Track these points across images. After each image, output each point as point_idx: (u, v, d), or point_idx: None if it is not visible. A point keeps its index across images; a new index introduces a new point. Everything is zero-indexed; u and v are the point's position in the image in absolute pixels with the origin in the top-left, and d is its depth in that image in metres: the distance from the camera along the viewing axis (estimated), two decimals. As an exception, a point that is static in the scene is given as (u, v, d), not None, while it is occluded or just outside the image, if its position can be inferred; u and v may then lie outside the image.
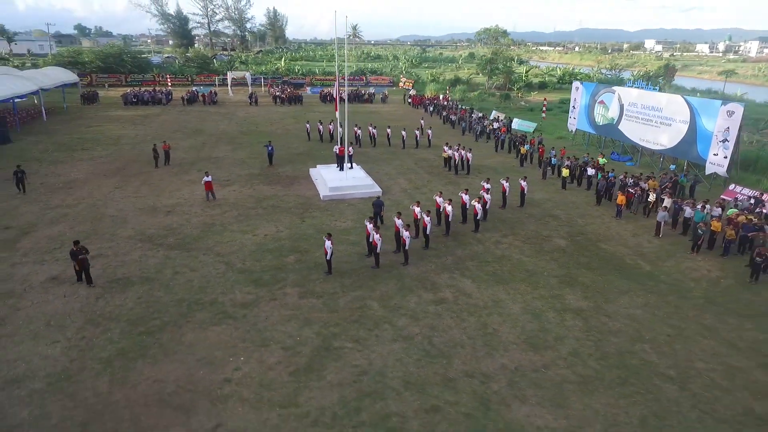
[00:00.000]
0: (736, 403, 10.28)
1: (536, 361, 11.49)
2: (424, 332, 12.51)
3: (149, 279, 14.86)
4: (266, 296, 14.04)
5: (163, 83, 62.00)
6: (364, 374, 10.88)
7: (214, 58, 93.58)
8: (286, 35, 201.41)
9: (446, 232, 18.75)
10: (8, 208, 20.52)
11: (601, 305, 14.02)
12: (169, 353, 11.43)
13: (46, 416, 9.45)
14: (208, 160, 29.35)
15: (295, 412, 9.73)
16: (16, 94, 36.57)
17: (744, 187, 23.75)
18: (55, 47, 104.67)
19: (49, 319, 12.60)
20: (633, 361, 11.55)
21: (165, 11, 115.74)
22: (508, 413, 9.86)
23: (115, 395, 10.05)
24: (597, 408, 10.04)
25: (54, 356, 11.17)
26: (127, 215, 20.10)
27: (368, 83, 74.67)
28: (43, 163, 27.67)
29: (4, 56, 75.56)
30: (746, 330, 12.97)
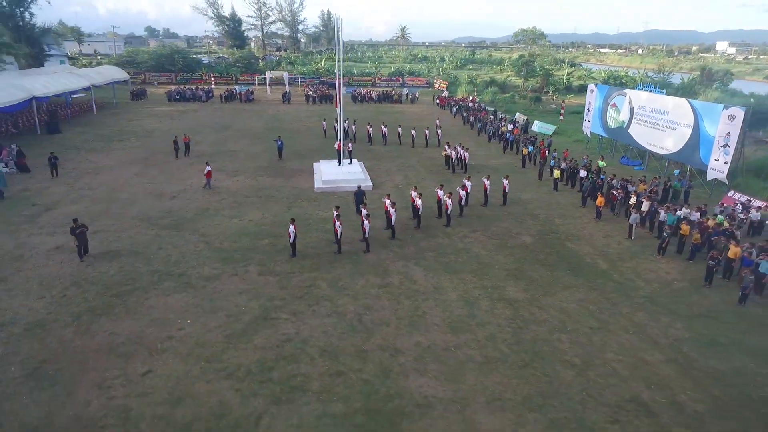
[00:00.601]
0: (627, 391, 10.71)
1: (450, 341, 12.32)
2: (357, 310, 13.62)
3: (136, 252, 16.84)
4: (229, 272, 15.63)
5: (208, 82, 66.05)
6: (288, 341, 12.16)
7: (263, 59, 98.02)
8: (340, 36, 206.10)
9: (417, 224, 19.69)
10: (40, 189, 23.41)
11: (538, 298, 14.56)
12: (130, 313, 13.20)
13: (15, 354, 11.39)
14: (225, 153, 31.63)
15: (216, 366, 11.15)
16: (69, 90, 40.71)
17: (742, 194, 23.09)
18: (123, 48, 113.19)
19: (42, 280, 14.76)
20: (543, 348, 12.14)
21: (221, 14, 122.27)
22: (404, 382, 10.83)
23: (75, 342, 11.89)
24: (488, 384, 10.81)
25: (36, 309, 13.22)
26: (137, 198, 22.43)
27: (404, 84, 75.85)
28: (81, 151, 30.90)
29: (73, 56, 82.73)
30: (673, 329, 13.15)
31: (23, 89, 34.26)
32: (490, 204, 22.71)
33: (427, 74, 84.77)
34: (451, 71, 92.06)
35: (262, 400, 10.17)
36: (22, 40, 62.26)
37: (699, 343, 12.52)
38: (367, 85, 73.44)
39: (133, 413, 9.70)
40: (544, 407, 10.17)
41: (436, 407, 10.11)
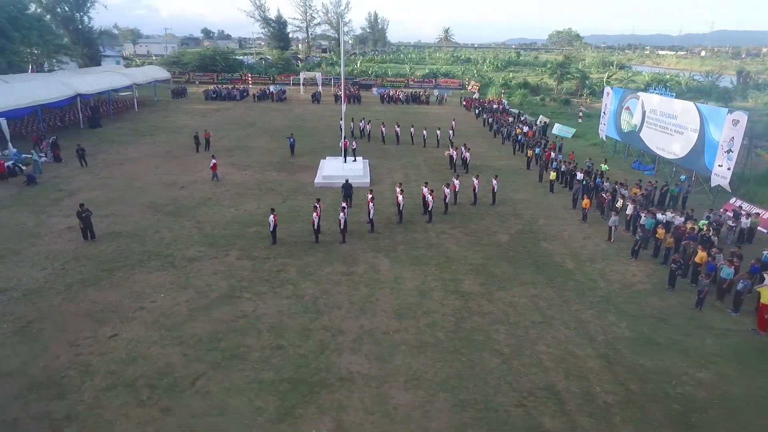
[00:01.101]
0: (544, 380, 11.17)
1: (392, 326, 13.13)
2: (315, 294, 14.65)
3: (134, 234, 18.62)
4: (211, 255, 17.06)
5: (246, 82, 69.11)
6: (244, 317, 13.36)
7: (303, 60, 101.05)
8: (387, 38, 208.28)
9: (399, 219, 20.50)
10: (69, 177, 25.91)
11: (492, 292, 15.07)
12: (114, 286, 14.82)
13: (10, 314, 13.18)
14: (242, 149, 33.51)
15: (173, 334, 12.49)
16: (112, 88, 44.10)
17: (745, 202, 22.39)
18: (178, 49, 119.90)
19: (49, 254, 16.71)
20: (478, 337, 12.72)
21: (267, 16, 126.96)
22: (336, 358, 11.75)
23: (61, 307, 13.58)
24: (412, 365, 11.56)
25: (37, 278, 15.08)
26: (149, 187, 24.45)
27: (437, 86, 76.31)
28: (113, 144, 33.64)
29: (128, 56, 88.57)
30: (616, 327, 13.35)
31: (70, 87, 37.58)
32: (480, 203, 23.16)
33: (461, 76, 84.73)
34: (490, 73, 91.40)
35: (204, 364, 11.39)
36: (80, 42, 67.42)
37: (636, 342, 12.71)
38: (399, 86, 74.45)
39: (91, 368, 11.15)
40: (458, 389, 10.82)
41: (357, 382, 10.97)
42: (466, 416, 10.04)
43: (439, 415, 10.05)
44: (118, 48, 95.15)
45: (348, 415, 9.98)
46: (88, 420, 9.67)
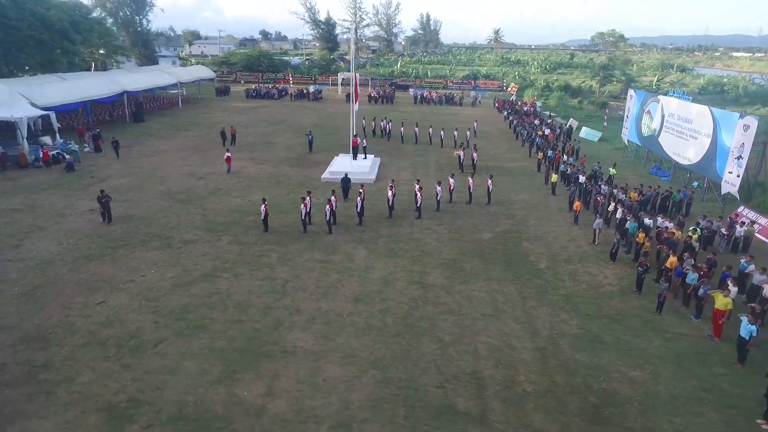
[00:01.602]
0: (473, 366, 11.73)
1: (347, 309, 14.05)
2: (287, 278, 15.81)
3: (144, 218, 20.56)
4: (205, 239, 18.63)
5: (288, 81, 71.91)
6: (216, 294, 14.72)
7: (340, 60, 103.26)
8: (440, 39, 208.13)
9: (389, 214, 21.35)
10: (102, 166, 28.59)
11: (454, 285, 15.65)
12: (114, 261, 16.64)
13: (21, 279, 15.21)
14: (266, 144, 35.41)
15: (151, 304, 14.02)
16: (157, 85, 47.57)
17: (753, 210, 21.54)
18: (235, 49, 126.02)
19: (68, 232, 18.86)
20: (424, 325, 13.41)
21: (316, 18, 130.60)
22: (286, 334, 12.83)
23: (64, 277, 15.48)
24: (352, 344, 12.44)
25: (51, 251, 17.17)
26: (170, 177, 26.59)
27: (476, 87, 76.10)
28: (150, 137, 36.47)
29: (184, 57, 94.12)
30: (566, 325, 13.62)
31: (118, 84, 41.04)
32: (476, 202, 23.56)
33: (501, 78, 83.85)
34: (536, 75, 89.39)
35: (169, 331, 12.80)
36: (138, 43, 72.53)
37: (580, 340, 12.96)
38: (438, 87, 74.86)
39: (74, 327, 12.83)
40: (388, 368, 11.61)
41: (298, 355, 12.00)
42: (385, 392, 10.82)
43: (362, 389, 10.89)
44: (174, 48, 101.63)
45: (279, 383, 11.02)
46: (61, 369, 11.25)
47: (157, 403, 10.27)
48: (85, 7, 52.90)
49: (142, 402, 10.29)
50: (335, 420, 9.98)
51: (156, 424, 9.74)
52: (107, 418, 9.83)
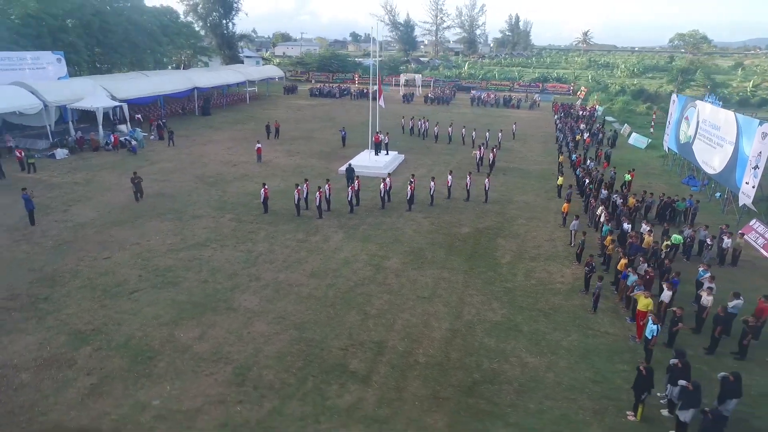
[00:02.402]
0: (380, 336, 12.95)
1: (299, 281, 15.81)
2: (262, 252, 17.91)
3: (171, 196, 23.81)
4: (212, 215, 21.34)
5: (356, 81, 75.22)
6: (198, 259, 17.17)
7: (424, 62, 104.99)
8: (530, 41, 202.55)
9: (382, 206, 22.79)
10: (159, 151, 32.85)
11: (407, 270, 16.79)
12: (132, 228, 19.81)
13: (58, 235, 18.77)
14: (306, 138, 38.17)
15: (143, 263, 16.77)
16: (227, 83, 52.54)
17: (762, 223, 20.14)
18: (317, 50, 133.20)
19: (106, 203, 22.51)
20: (359, 299, 14.79)
21: (395, 20, 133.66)
22: (238, 295, 14.88)
23: (89, 236, 18.81)
24: (288, 309, 14.18)
25: (88, 216, 20.77)
26: (209, 163, 30.03)
27: (544, 90, 74.35)
28: (209, 129, 40.79)
29: (266, 57, 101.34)
30: (491, 313, 14.30)
31: (190, 81, 46.21)
32: (474, 200, 24.21)
33: (572, 81, 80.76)
34: (622, 79, 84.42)
35: (147, 284, 15.40)
36: (224, 45, 79.57)
37: (498, 327, 13.63)
38: (504, 89, 74.16)
39: (79, 274, 15.87)
40: (307, 330, 13.21)
41: (238, 312, 13.99)
42: (295, 348, 12.44)
43: (276, 343, 12.61)
44: (257, 49, 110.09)
45: (212, 331, 13.05)
46: (56, 303, 14.19)
47: (111, 335, 12.76)
48: (175, 13, 59.67)
49: (102, 332, 12.84)
50: (242, 363, 11.80)
51: (104, 348, 12.19)
52: (71, 340, 12.47)
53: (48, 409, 10.23)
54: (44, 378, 11.12)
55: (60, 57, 37.60)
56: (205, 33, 77.77)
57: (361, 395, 10.88)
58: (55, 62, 36.99)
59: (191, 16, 74.53)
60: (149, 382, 11.12)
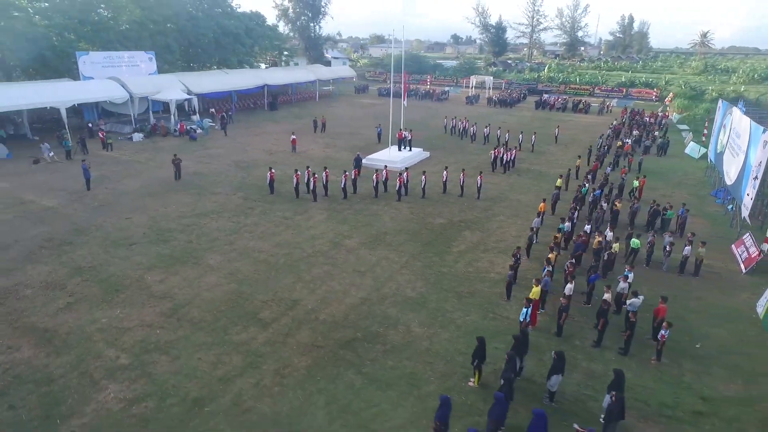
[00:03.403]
0: (301, 296, 15.04)
1: (263, 248, 18.39)
2: (249, 224, 20.80)
3: (205, 176, 27.77)
4: (227, 193, 24.79)
5: (432, 83, 77.18)
6: (194, 225, 20.50)
7: (512, 65, 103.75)
8: (648, 43, 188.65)
9: (375, 195, 24.71)
10: (215, 139, 37.58)
11: (360, 248, 18.63)
12: (161, 198, 23.83)
13: (103, 199, 23.30)
14: (349, 134, 40.96)
15: (154, 224, 20.46)
16: (296, 81, 57.26)
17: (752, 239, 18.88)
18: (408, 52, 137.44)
19: (150, 179, 27.00)
20: (301, 266, 16.98)
21: (486, 22, 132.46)
22: (208, 254, 17.83)
23: (124, 202, 23.09)
24: (240, 268, 16.81)
25: (132, 187, 25.26)
26: (251, 151, 33.95)
27: (627, 95, 70.46)
28: (269, 122, 45.24)
29: (353, 58, 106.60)
30: (410, 289, 15.72)
31: (261, 78, 51.37)
32: (467, 196, 25.14)
33: (662, 86, 74.89)
34: (737, 86, 76.43)
35: (146, 240, 18.97)
36: (310, 47, 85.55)
37: (408, 301, 15.06)
38: (583, 94, 71.36)
39: (101, 229, 19.90)
40: (245, 284, 15.72)
41: (200, 266, 16.90)
42: (226, 297, 15.01)
43: (214, 291, 15.27)
44: (343, 50, 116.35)
45: (172, 277, 16.09)
46: (75, 248, 18.18)
47: (100, 271, 16.34)
48: (262, 17, 65.83)
49: (94, 269, 16.49)
50: (179, 302, 14.63)
51: (90, 280, 15.77)
52: (71, 272, 16.23)
53: (32, 315, 13.83)
54: (40, 294, 14.86)
55: (151, 56, 44.27)
56: (294, 35, 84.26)
57: (255, 336, 13.13)
58: (147, 60, 43.67)
59: (282, 20, 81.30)
60: (107, 306, 14.36)
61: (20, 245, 18.24)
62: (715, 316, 14.73)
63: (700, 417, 10.75)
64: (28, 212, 21.59)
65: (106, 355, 12.20)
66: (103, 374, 11.53)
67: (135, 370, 11.69)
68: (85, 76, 38.61)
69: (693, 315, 14.79)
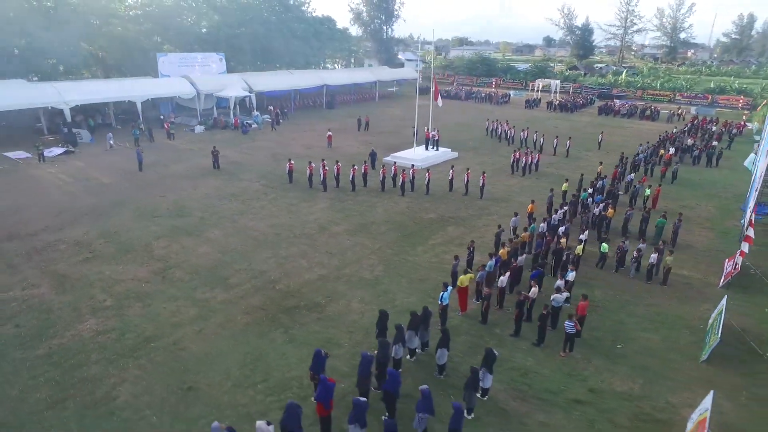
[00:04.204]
0: (269, 268, 17.14)
1: (259, 228, 20.79)
2: (257, 207, 23.36)
3: (240, 164, 31.04)
4: (252, 180, 27.70)
5: (498, 85, 76.75)
6: (211, 206, 23.44)
7: (577, 67, 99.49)
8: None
9: (381, 188, 26.30)
10: (265, 133, 41.16)
11: (341, 234, 20.40)
12: (195, 181, 27.28)
13: (149, 180, 27.23)
14: (390, 132, 42.79)
15: (179, 201, 23.75)
16: (355, 82, 60.10)
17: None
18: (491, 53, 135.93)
19: (194, 165, 30.74)
20: (282, 243, 19.09)
21: (572, 24, 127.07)
22: (210, 229, 20.56)
23: (165, 182, 26.80)
24: (231, 242, 19.30)
25: (175, 170, 29.07)
26: (291, 145, 36.92)
27: (713, 103, 65.26)
28: (322, 120, 48.21)
29: (426, 60, 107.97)
30: (371, 272, 17.18)
31: (321, 79, 54.79)
32: (471, 195, 25.88)
33: (759, 93, 67.91)
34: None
35: (167, 213, 22.18)
36: (382, 49, 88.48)
37: (362, 281, 16.60)
38: (662, 100, 67.23)
39: (139, 202, 23.48)
40: (228, 255, 18.13)
41: (200, 238, 19.62)
42: (209, 263, 17.50)
43: (201, 258, 17.85)
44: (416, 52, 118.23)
45: (175, 244, 18.94)
46: (112, 216, 21.83)
47: (121, 237, 19.66)
48: (333, 21, 69.75)
49: (118, 234, 19.86)
50: (170, 263, 17.37)
51: (111, 242, 19.08)
52: (99, 235, 19.70)
53: (58, 263, 17.28)
54: (69, 249, 18.39)
55: (221, 57, 49.26)
56: (367, 38, 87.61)
57: (216, 295, 15.45)
58: (217, 61, 48.68)
59: (356, 23, 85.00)
60: (115, 263, 17.48)
61: (72, 211, 22.26)
62: (656, 323, 14.60)
63: (576, 404, 11.21)
64: (88, 186, 25.95)
65: (97, 298, 15.14)
66: (89, 311, 14.43)
67: (113, 311, 14.47)
68: (163, 74, 44.15)
69: (634, 320, 14.77)
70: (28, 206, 22.66)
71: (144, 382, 11.69)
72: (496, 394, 11.54)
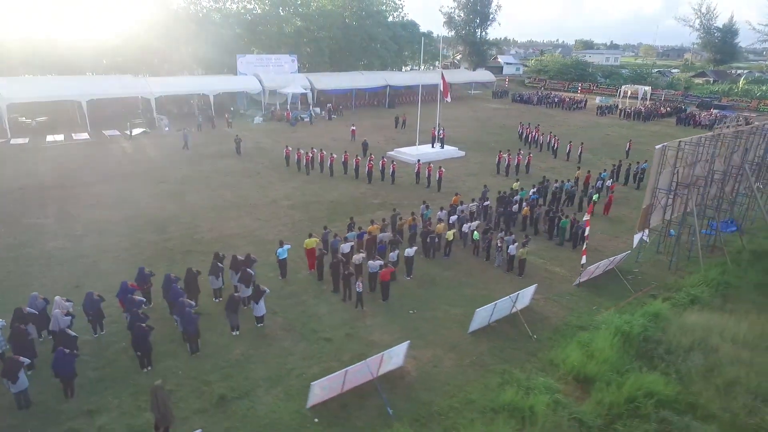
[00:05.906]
0: (244, 232, 21.67)
1: (247, 195, 25.52)
2: (251, 188, 28.10)
3: (263, 150, 36.40)
4: (261, 162, 32.77)
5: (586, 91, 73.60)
6: (211, 177, 28.88)
7: (705, 73, 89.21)
8: None
9: (369, 180, 29.45)
10: (312, 127, 46.28)
11: (283, 207, 24.22)
12: (211, 161, 33.18)
13: (189, 157, 33.85)
14: (423, 132, 44.98)
15: (194, 176, 29.65)
16: (421, 83, 62.67)
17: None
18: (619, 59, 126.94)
19: (228, 149, 36.75)
20: (260, 216, 23.49)
21: (708, 24, 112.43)
22: (190, 195, 25.85)
23: (195, 160, 33.12)
24: (195, 206, 24.27)
25: (211, 152, 35.40)
26: (323, 137, 41.38)
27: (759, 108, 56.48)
28: (372, 117, 51.92)
29: (526, 64, 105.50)
30: (281, 232, 20.73)
31: (384, 79, 58.76)
32: (433, 187, 27.83)
33: None
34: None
35: (174, 182, 28.09)
36: (473, 52, 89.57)
37: (249, 239, 20.29)
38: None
39: (160, 171, 29.91)
40: (186, 212, 23.07)
41: (179, 199, 24.97)
42: (166, 212, 22.62)
43: (166, 208, 23.04)
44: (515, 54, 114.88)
45: (156, 202, 24.49)
46: (136, 178, 28.36)
47: (129, 192, 25.85)
48: (416, 25, 73.11)
49: (127, 191, 26.10)
50: (141, 213, 22.83)
51: (118, 196, 25.29)
52: (115, 191, 26.12)
53: (78, 206, 23.76)
54: (93, 197, 24.96)
55: (294, 58, 55.72)
56: (458, 41, 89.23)
57: (149, 237, 20.53)
58: (290, 62, 55.26)
59: (447, 26, 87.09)
60: (109, 210, 23.51)
61: (117, 175, 29.30)
62: (467, 300, 15.90)
63: (327, 342, 13.63)
64: (140, 160, 33.22)
65: (75, 229, 21.04)
66: (63, 235, 20.33)
67: (80, 237, 20.18)
68: (240, 73, 51.89)
69: (450, 294, 16.34)
70: (81, 168, 30.27)
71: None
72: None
